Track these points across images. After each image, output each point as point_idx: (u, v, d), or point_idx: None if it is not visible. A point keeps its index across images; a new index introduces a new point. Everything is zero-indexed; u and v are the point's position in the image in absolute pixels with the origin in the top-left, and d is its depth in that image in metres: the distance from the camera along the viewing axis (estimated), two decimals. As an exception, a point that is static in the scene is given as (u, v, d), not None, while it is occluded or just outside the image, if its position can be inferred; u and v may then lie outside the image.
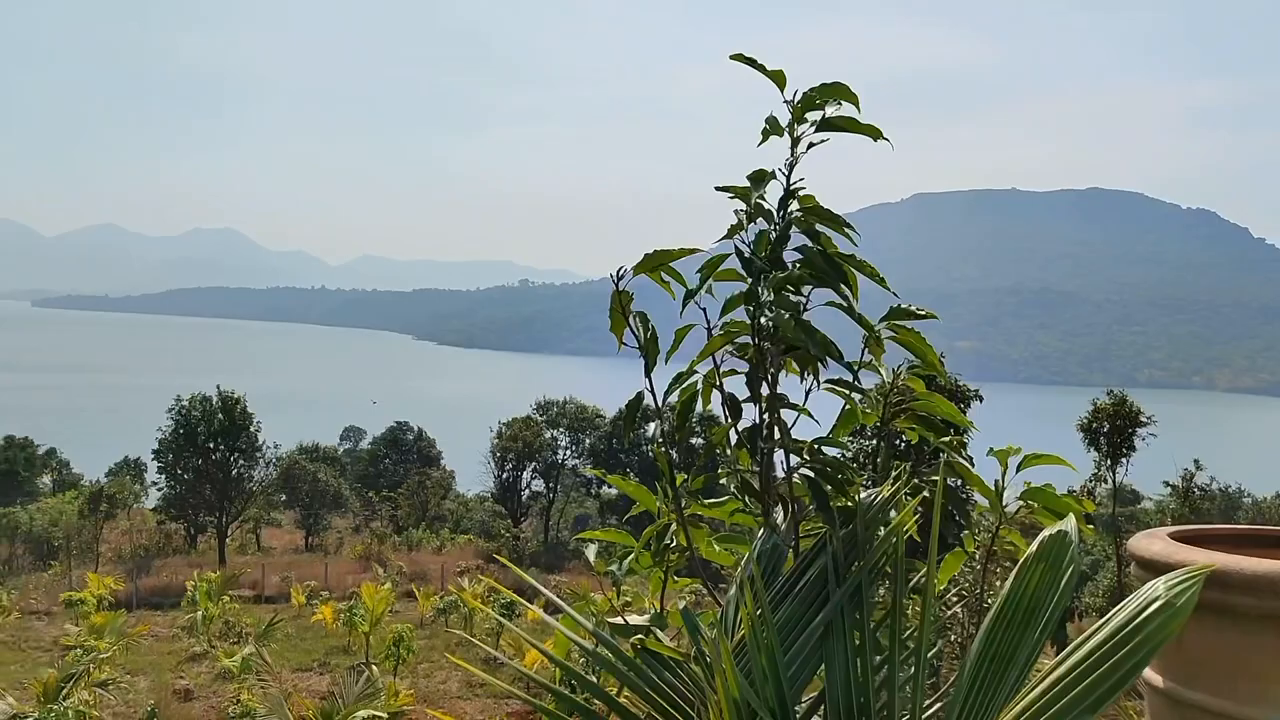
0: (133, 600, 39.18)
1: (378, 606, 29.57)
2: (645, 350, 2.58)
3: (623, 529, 3.12)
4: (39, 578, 46.84)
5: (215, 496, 53.47)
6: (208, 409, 54.04)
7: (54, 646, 30.18)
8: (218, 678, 25.80)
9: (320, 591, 39.84)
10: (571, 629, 2.89)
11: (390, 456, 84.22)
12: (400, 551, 56.10)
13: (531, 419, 68.62)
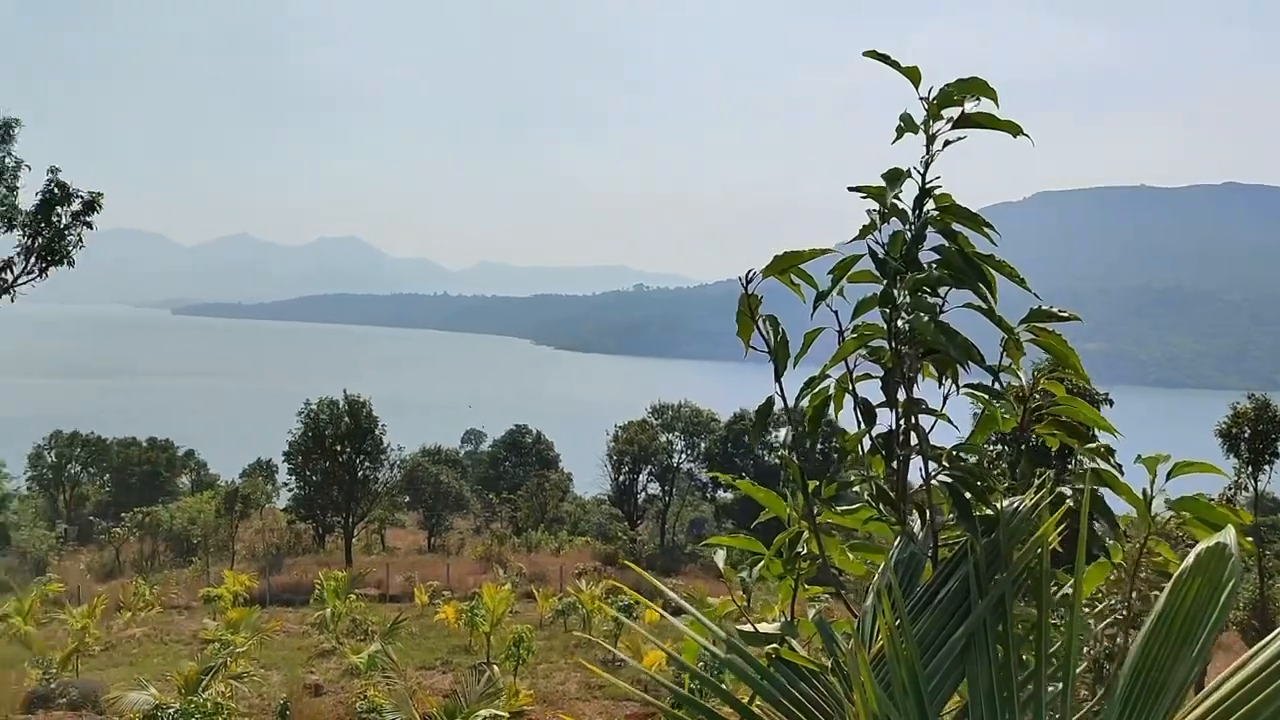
0: (265, 597, 40.54)
1: (498, 607, 30.03)
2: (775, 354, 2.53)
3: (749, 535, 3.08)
4: (179, 574, 48.82)
5: (342, 497, 54.98)
6: (335, 412, 55.61)
7: (193, 640, 31.43)
8: (345, 673, 26.50)
9: (442, 591, 40.64)
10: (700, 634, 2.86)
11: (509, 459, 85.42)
12: (519, 553, 56.87)
13: (647, 422, 68.86)
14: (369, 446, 55.62)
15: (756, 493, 2.84)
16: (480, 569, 49.69)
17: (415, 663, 29.09)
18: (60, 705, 20.90)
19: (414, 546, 64.38)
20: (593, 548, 61.07)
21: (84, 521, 66.78)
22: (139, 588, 39.75)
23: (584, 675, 28.72)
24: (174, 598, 40.42)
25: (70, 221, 18.76)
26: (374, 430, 55.80)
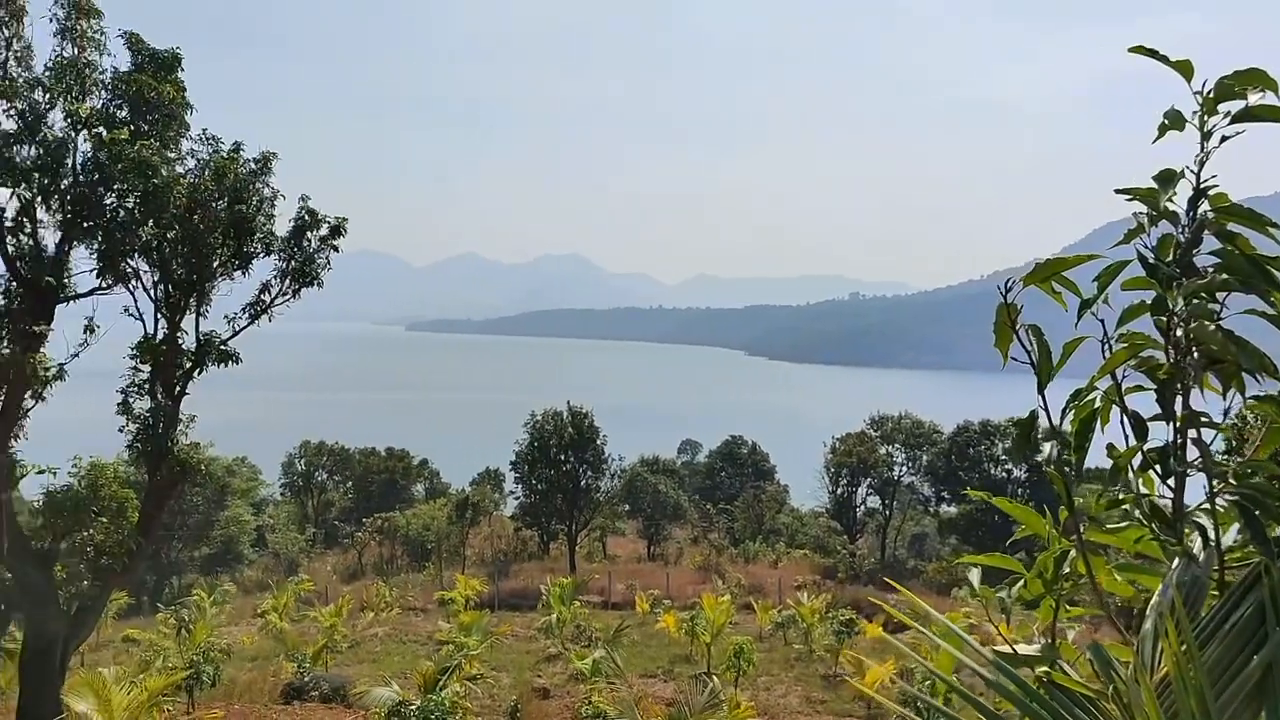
0: (495, 601, 42.06)
1: (718, 617, 30.08)
2: (1038, 365, 2.43)
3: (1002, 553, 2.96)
4: (415, 577, 51.31)
5: (565, 506, 56.45)
6: (559, 423, 57.20)
7: (429, 640, 32.95)
8: (571, 678, 27.13)
9: (662, 600, 41.04)
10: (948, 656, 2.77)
11: (726, 470, 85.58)
12: (737, 563, 56.84)
13: (866, 434, 67.52)
14: (591, 456, 56.88)
15: (1015, 510, 2.73)
16: (699, 579, 49.93)
17: (638, 670, 29.51)
18: (313, 697, 22.30)
19: (634, 555, 65.35)
20: (811, 560, 60.35)
21: (330, 526, 71.30)
22: (380, 590, 41.98)
23: (805, 689, 28.41)
24: (411, 600, 42.45)
25: (319, 245, 20.02)
26: (595, 440, 57.04)
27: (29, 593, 17.67)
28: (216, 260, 18.75)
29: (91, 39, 17.55)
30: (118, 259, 17.85)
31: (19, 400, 17.22)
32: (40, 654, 17.49)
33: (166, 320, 18.96)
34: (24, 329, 16.76)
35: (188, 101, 18.45)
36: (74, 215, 17.37)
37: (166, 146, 17.94)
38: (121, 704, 13.61)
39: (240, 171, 18.73)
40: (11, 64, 16.83)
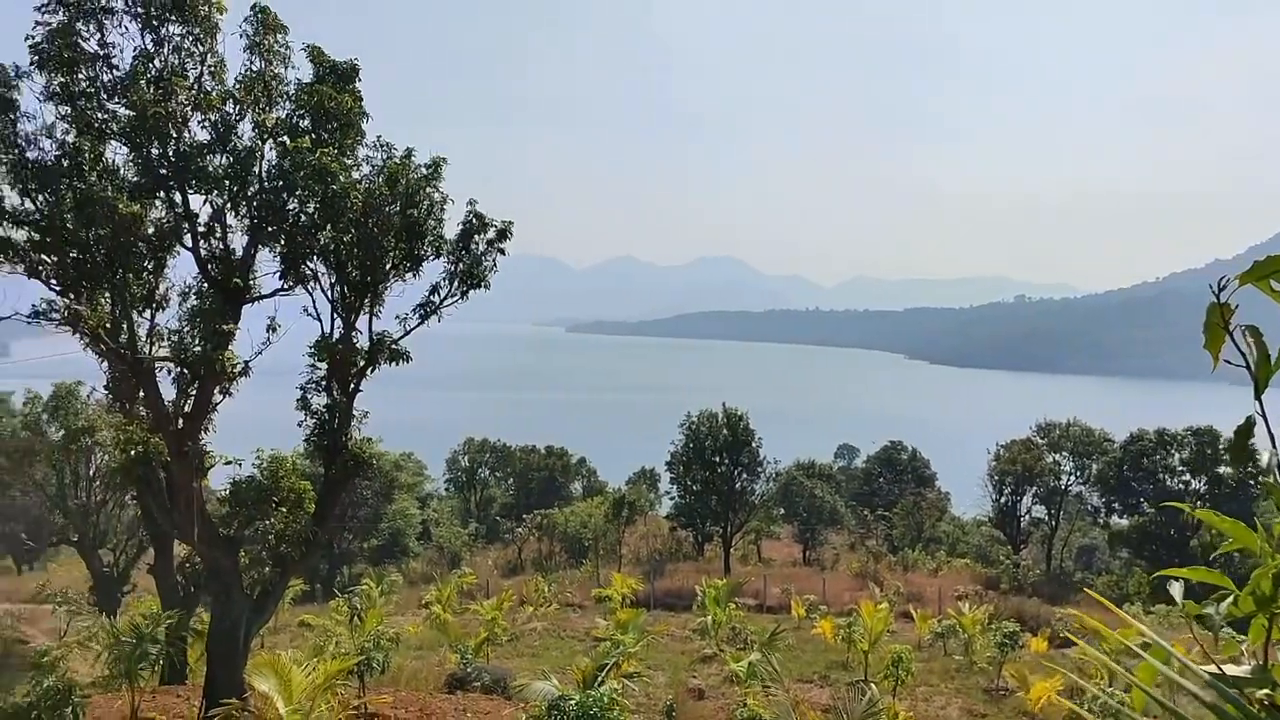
0: (650, 600, 42.36)
1: (876, 625, 29.57)
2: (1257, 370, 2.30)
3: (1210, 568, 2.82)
4: (573, 574, 52.13)
5: (720, 507, 56.40)
6: (714, 425, 57.20)
7: (586, 637, 33.44)
8: (726, 680, 27.12)
9: (818, 605, 40.59)
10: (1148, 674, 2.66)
11: (884, 475, 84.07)
12: (895, 571, 55.72)
13: (1031, 441, 65.22)
14: (746, 458, 56.69)
15: (1223, 524, 2.59)
16: (855, 585, 49.20)
17: (793, 675, 29.26)
18: (475, 688, 22.91)
19: (788, 559, 64.84)
20: (972, 570, 58.71)
21: (491, 521, 73.13)
22: (539, 585, 42.81)
23: (966, 702, 27.68)
24: (569, 596, 43.15)
25: (486, 248, 20.55)
26: (751, 443, 56.82)
27: (216, 576, 18.73)
28: (389, 263, 19.46)
29: (277, 53, 18.45)
30: (299, 261, 18.73)
31: (209, 395, 18.26)
32: (225, 634, 18.51)
33: (342, 320, 19.78)
34: (214, 328, 17.76)
35: (364, 110, 19.21)
36: (260, 220, 18.30)
37: (344, 154, 18.71)
38: (300, 685, 14.27)
39: (412, 177, 19.41)
40: (206, 78, 17.84)
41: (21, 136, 16.97)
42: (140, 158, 17.64)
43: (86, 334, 17.48)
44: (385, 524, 58.01)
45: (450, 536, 62.36)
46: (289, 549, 18.64)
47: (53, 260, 17.53)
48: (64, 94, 17.03)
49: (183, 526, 18.13)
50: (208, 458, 18.62)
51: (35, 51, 16.77)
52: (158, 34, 17.31)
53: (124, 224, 17.00)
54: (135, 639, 19.08)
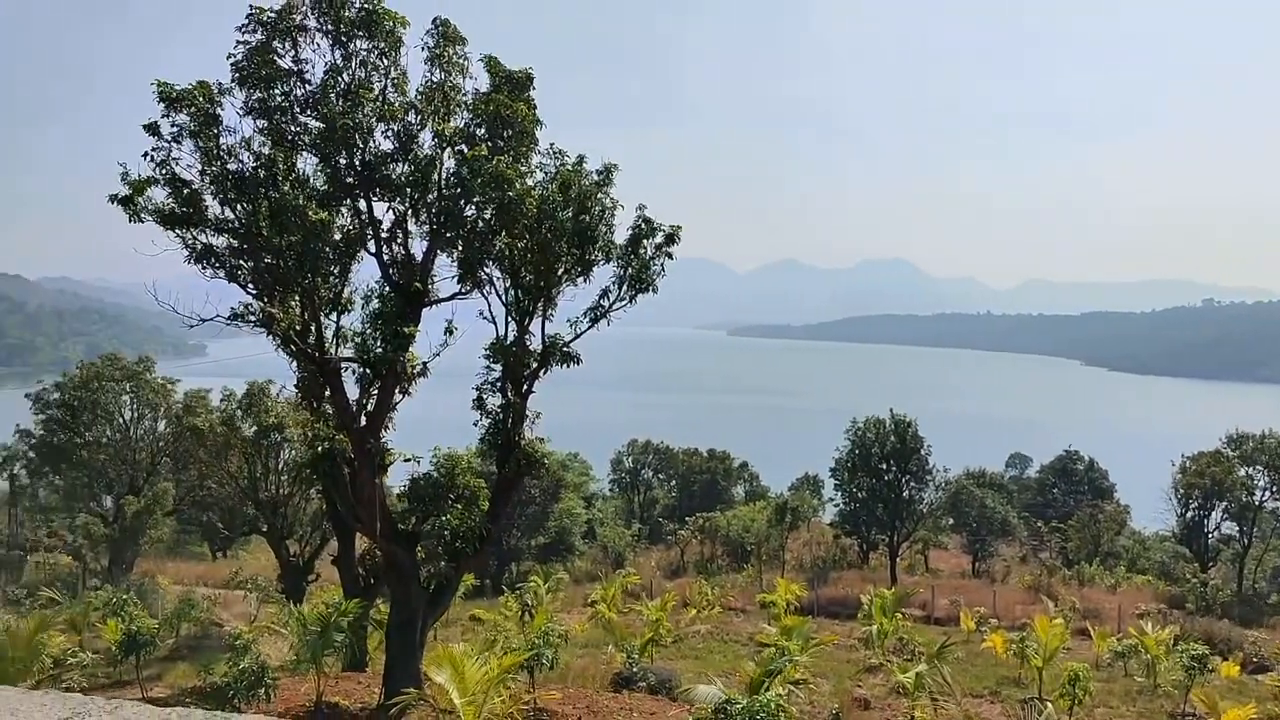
0: (814, 607, 41.96)
1: (1051, 641, 28.53)
2: None
3: None
4: (735, 578, 52.10)
5: (887, 515, 55.42)
6: (880, 431, 56.27)
7: (749, 641, 33.35)
8: (892, 691, 26.60)
9: (988, 619, 39.44)
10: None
11: (1059, 486, 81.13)
12: (1070, 586, 53.63)
13: (1221, 454, 61.64)
14: (914, 466, 55.60)
15: None
16: (1028, 599, 47.58)
17: (962, 689, 28.48)
18: (640, 688, 23.15)
19: (957, 570, 63.21)
20: (1154, 588, 55.98)
21: (654, 522, 73.77)
22: (702, 588, 42.95)
23: (1149, 726, 26.40)
24: (731, 600, 43.13)
25: (654, 253, 20.77)
26: (919, 450, 55.69)
27: (395, 569, 19.51)
28: (561, 268, 19.91)
29: (456, 64, 19.09)
30: (475, 266, 19.34)
31: (390, 395, 19.05)
32: (403, 626, 19.26)
33: (516, 323, 20.34)
34: (396, 330, 18.50)
35: (538, 118, 19.68)
36: (439, 226, 18.97)
37: (519, 161, 19.20)
38: (474, 678, 14.71)
39: (584, 183, 19.79)
40: (389, 90, 18.61)
41: (223, 149, 18.06)
42: (329, 167, 18.56)
43: (279, 335, 18.49)
44: (552, 522, 59.20)
45: (614, 536, 63.17)
46: (463, 544, 19.26)
47: (249, 265, 18.60)
48: (261, 108, 18.05)
49: (365, 520, 18.96)
50: (388, 455, 19.41)
51: (236, 69, 17.83)
52: (346, 49, 18.15)
53: (314, 230, 17.91)
54: (321, 627, 20.04)
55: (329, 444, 18.86)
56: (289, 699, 19.85)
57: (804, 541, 64.25)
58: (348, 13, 17.84)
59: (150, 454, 46.94)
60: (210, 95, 17.87)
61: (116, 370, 46.97)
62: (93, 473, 46.11)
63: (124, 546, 44.30)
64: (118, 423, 46.62)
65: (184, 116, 17.74)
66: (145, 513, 43.60)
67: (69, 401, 45.81)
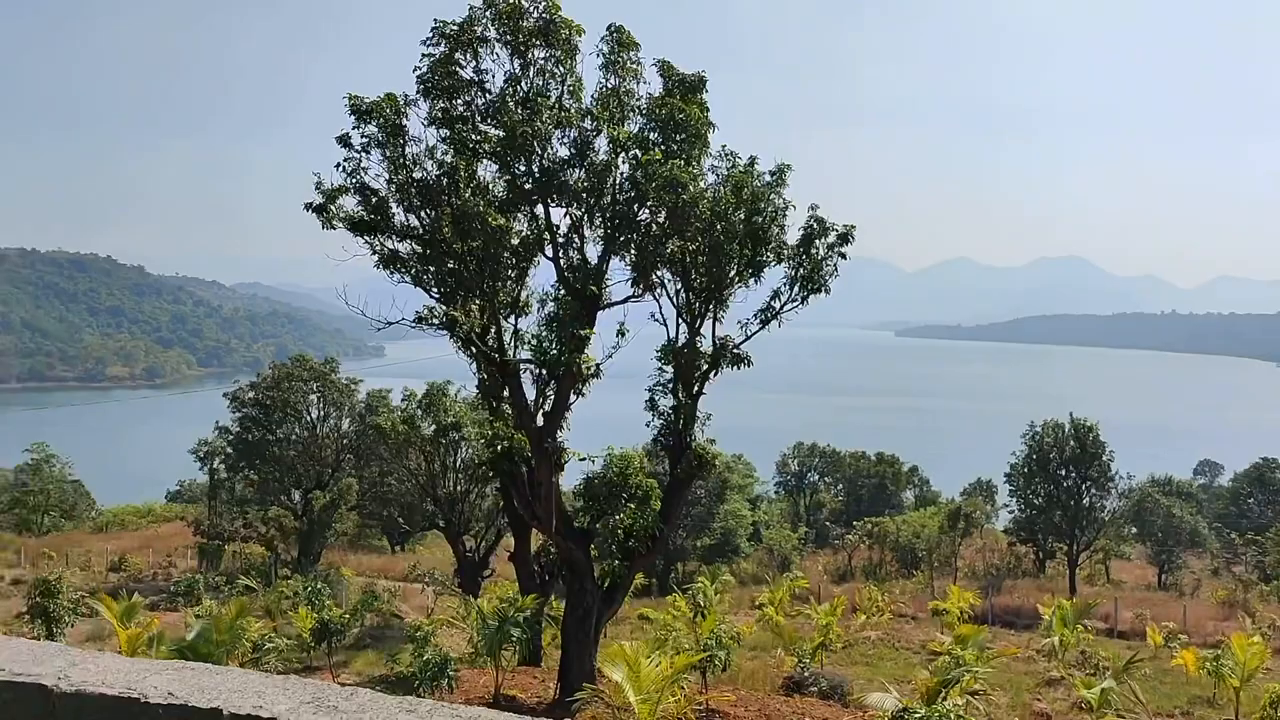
0: (988, 616, 40.72)
1: (1250, 661, 26.89)
2: None
3: None
4: (904, 584, 51.06)
5: (1066, 524, 53.36)
6: (1059, 436, 54.24)
7: (922, 649, 32.64)
8: (1074, 706, 25.62)
9: (1178, 634, 37.47)
10: None
11: (1255, 495, 76.55)
12: (1269, 603, 50.41)
13: None
14: (1095, 472, 53.40)
15: None
16: (1221, 615, 45.00)
17: (1150, 707, 27.17)
18: (811, 692, 22.95)
19: (1141, 582, 60.37)
20: (1371, 607, 52.10)
21: (821, 525, 73.01)
22: (872, 593, 42.23)
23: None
24: (902, 606, 42.27)
25: (826, 253, 20.58)
26: (1100, 456, 53.43)
27: (570, 566, 19.93)
28: (733, 269, 19.94)
29: (630, 69, 19.37)
30: (649, 269, 19.57)
31: (566, 395, 19.46)
32: (578, 622, 19.65)
33: (687, 325, 20.48)
34: (572, 332, 18.90)
35: (710, 121, 19.77)
36: (613, 230, 19.29)
37: (691, 164, 19.33)
38: (650, 676, 14.88)
39: (756, 184, 19.78)
40: (565, 97, 19.02)
41: (409, 159, 18.81)
42: (508, 174, 19.11)
43: (461, 337, 19.14)
44: (717, 523, 59.27)
45: (780, 539, 62.80)
46: (636, 543, 19.51)
47: (432, 270, 19.32)
48: (444, 118, 18.72)
49: (542, 517, 19.43)
50: (564, 454, 19.83)
51: (420, 81, 18.54)
52: (525, 59, 18.64)
53: (494, 236, 18.48)
54: (499, 621, 20.63)
55: (508, 443, 19.39)
56: (468, 690, 20.51)
57: (977, 548, 62.49)
58: (526, 23, 18.31)
59: (335, 451, 49.21)
60: (397, 107, 18.63)
61: (305, 371, 49.44)
62: (283, 468, 48.62)
63: (312, 538, 46.58)
64: (306, 421, 49.08)
65: (373, 127, 18.56)
66: (331, 507, 45.75)
67: (262, 400, 48.47)
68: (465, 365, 21.36)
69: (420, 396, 40.13)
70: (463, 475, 38.99)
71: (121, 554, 50.60)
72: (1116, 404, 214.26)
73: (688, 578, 47.92)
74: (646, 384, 20.74)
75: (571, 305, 19.45)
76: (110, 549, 52.41)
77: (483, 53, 18.61)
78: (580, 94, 19.26)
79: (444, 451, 38.74)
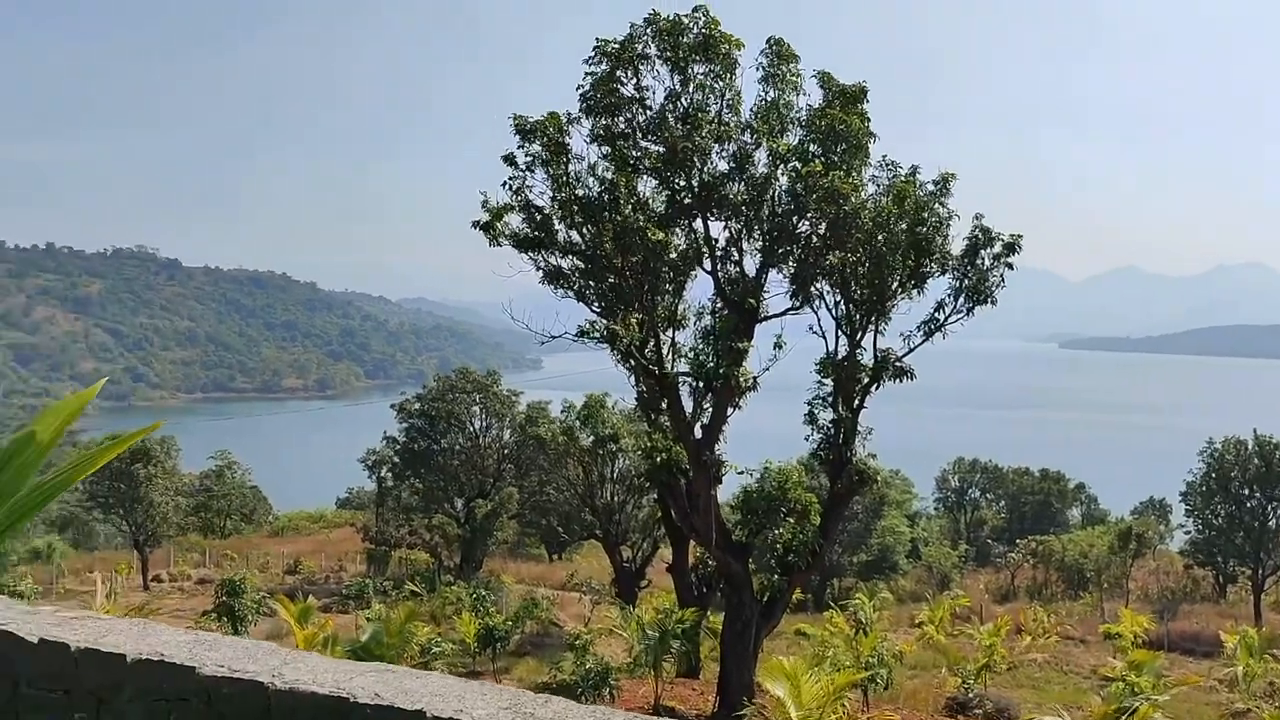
0: (1164, 642, 38.81)
1: None
2: None
3: None
4: (1070, 605, 49.11)
5: (1249, 546, 50.40)
6: (1242, 453, 51.34)
7: (1092, 674, 31.36)
8: (1262, 740, 24.16)
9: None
10: None
11: None
12: None
13: None
14: (1282, 493, 50.25)
15: None
16: None
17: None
18: (976, 714, 22.36)
19: (1337, 610, 56.44)
20: None
21: (982, 543, 70.85)
22: (1037, 614, 40.78)
23: None
24: (1069, 629, 40.71)
25: (992, 263, 20.09)
26: (1291, 475, 50.28)
27: (729, 579, 19.95)
28: (895, 280, 19.66)
29: (789, 81, 19.37)
30: (808, 282, 19.48)
31: (725, 409, 19.52)
32: (738, 636, 19.64)
33: (847, 338, 20.28)
34: (730, 345, 18.95)
35: (871, 131, 19.57)
36: (772, 243, 19.28)
37: (851, 174, 19.17)
38: (811, 693, 14.76)
39: (919, 194, 19.46)
40: (725, 111, 19.13)
41: (571, 176, 19.23)
42: (667, 189, 19.32)
43: (620, 350, 19.41)
44: (874, 539, 58.20)
45: (939, 556, 61.21)
46: (796, 558, 19.39)
47: (593, 285, 19.67)
48: (605, 135, 19.08)
49: (701, 530, 19.52)
50: (722, 466, 19.87)
51: (583, 99, 18.95)
52: (685, 74, 18.85)
53: (654, 251, 18.71)
54: (659, 632, 20.79)
55: (666, 455, 19.56)
56: (628, 700, 20.71)
57: (1150, 570, 59.61)
58: (686, 39, 18.52)
59: (496, 460, 50.43)
60: (560, 125, 19.08)
61: (468, 383, 50.87)
62: (447, 477, 50.08)
63: (474, 546, 47.82)
64: (469, 431, 50.47)
65: (537, 146, 19.05)
66: (493, 515, 46.88)
67: (427, 411, 50.09)
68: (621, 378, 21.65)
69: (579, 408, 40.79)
70: (620, 486, 39.42)
71: (296, 557, 53.05)
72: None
73: (844, 594, 47.23)
74: (803, 397, 20.63)
75: (729, 318, 19.51)
76: (286, 552, 55.01)
77: (643, 69, 18.90)
78: (739, 107, 19.35)
79: (601, 462, 39.25)
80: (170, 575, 47.87)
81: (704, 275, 20.31)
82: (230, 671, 3.44)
